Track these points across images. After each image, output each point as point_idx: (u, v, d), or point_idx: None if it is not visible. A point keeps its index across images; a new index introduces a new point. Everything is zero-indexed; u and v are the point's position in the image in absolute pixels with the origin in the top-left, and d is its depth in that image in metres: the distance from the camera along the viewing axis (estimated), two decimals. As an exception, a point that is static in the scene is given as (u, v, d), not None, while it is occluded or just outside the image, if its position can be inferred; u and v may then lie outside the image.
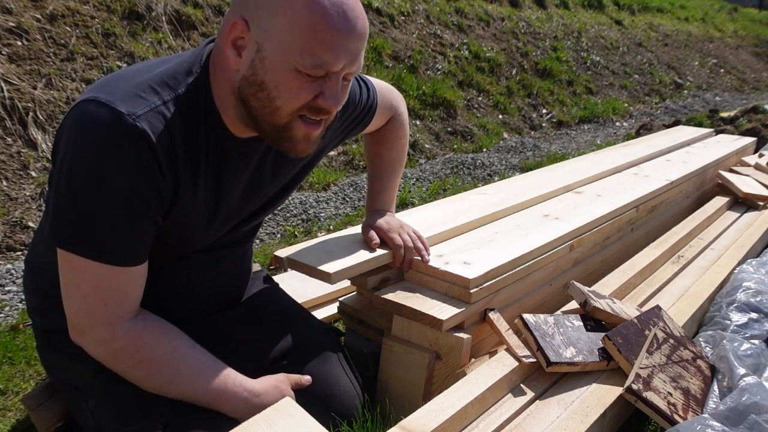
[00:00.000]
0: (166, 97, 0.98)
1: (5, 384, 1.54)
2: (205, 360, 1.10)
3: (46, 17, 3.27)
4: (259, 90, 0.97)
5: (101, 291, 0.99)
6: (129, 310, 1.03)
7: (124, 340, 1.02)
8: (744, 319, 1.65)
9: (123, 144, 0.92)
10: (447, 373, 1.35)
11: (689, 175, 2.65)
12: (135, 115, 0.92)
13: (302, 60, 0.93)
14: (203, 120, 1.02)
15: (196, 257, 1.19)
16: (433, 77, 5.21)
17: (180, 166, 1.00)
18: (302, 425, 0.96)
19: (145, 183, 0.95)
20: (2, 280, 2.15)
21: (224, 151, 1.07)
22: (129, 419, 1.06)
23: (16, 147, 2.74)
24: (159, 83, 0.98)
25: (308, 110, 0.99)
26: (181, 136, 0.99)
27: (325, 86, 0.98)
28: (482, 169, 4.07)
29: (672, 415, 1.21)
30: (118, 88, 0.96)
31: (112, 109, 0.92)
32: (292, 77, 0.95)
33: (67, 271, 1.00)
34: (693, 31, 11.25)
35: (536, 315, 1.41)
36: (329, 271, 1.35)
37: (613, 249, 2.10)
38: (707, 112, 6.21)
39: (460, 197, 2.06)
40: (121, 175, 0.93)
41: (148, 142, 0.93)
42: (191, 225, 1.09)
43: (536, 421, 1.19)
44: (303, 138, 1.03)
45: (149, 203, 0.98)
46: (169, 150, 0.97)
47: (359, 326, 1.62)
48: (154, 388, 1.06)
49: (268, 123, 1.01)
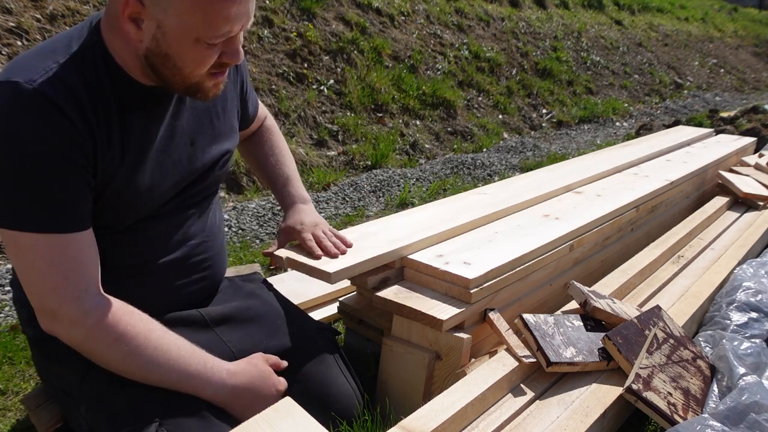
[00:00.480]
0: (60, 59, 1.00)
1: (5, 384, 1.54)
2: (180, 341, 1.09)
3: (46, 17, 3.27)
4: (166, 60, 1.01)
5: (57, 264, 0.99)
6: (92, 282, 1.02)
7: (95, 315, 1.01)
8: (744, 319, 1.65)
9: (29, 109, 0.95)
10: (447, 373, 1.35)
11: (689, 175, 2.65)
12: (32, 80, 0.95)
13: (205, 33, 0.98)
14: (105, 75, 1.04)
15: (158, 225, 1.18)
16: (433, 77, 5.21)
17: (90, 116, 1.01)
18: (302, 425, 0.96)
19: (60, 139, 0.97)
20: (2, 280, 2.15)
21: (134, 99, 1.08)
22: (121, 420, 1.05)
23: (16, 147, 2.74)
24: (50, 51, 1.02)
25: (215, 67, 1.05)
26: (84, 89, 1.00)
27: (226, 46, 1.03)
28: (482, 169, 4.07)
29: (672, 415, 1.21)
30: (13, 65, 1.00)
31: (9, 82, 0.95)
32: (195, 48, 0.99)
33: (17, 253, 1.00)
34: (693, 31, 11.25)
35: (536, 315, 1.41)
36: (329, 270, 1.35)
37: (613, 249, 2.10)
38: (707, 112, 6.22)
39: (460, 197, 2.06)
40: (35, 139, 0.95)
41: (52, 101, 0.95)
42: (131, 180, 1.08)
43: (536, 421, 1.19)
44: (213, 86, 1.09)
45: (72, 159, 0.98)
46: (76, 106, 0.99)
47: (359, 326, 1.62)
48: (134, 370, 1.05)
49: (180, 84, 1.06)
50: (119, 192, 1.08)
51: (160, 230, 1.19)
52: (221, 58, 1.03)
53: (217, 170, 1.29)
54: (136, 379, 1.06)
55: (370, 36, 5.02)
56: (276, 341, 1.31)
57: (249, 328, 1.31)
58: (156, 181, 1.14)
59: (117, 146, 1.05)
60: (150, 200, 1.14)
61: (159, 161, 1.14)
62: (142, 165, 1.10)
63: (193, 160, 1.22)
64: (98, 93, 1.03)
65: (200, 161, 1.23)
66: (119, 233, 1.13)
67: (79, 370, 1.11)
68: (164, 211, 1.19)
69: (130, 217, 1.14)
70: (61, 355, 1.12)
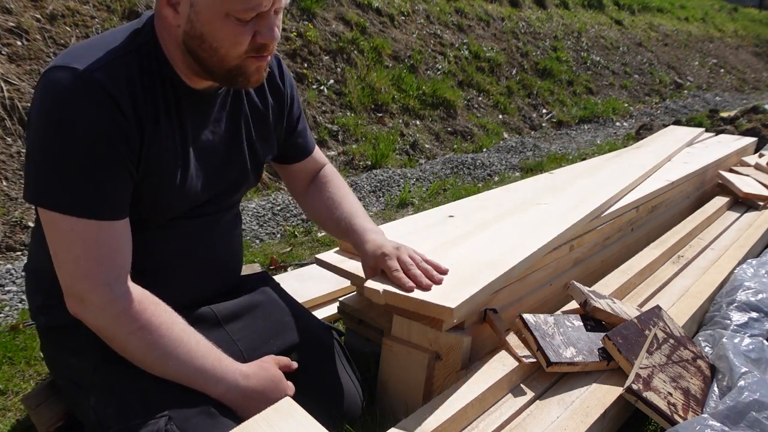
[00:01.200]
0: (120, 53, 1.03)
1: (5, 384, 1.54)
2: (199, 337, 1.11)
3: (46, 17, 3.27)
4: (202, 42, 1.03)
5: (92, 249, 1.01)
6: (124, 270, 1.05)
7: (123, 302, 1.03)
8: (744, 319, 1.65)
9: (83, 95, 0.97)
10: (447, 373, 1.35)
11: (689, 175, 2.64)
12: (90, 69, 0.99)
13: (233, 6, 0.98)
14: (158, 74, 1.07)
15: (183, 224, 1.20)
16: (433, 77, 5.21)
17: (142, 111, 1.04)
18: (302, 425, 0.96)
19: (110, 128, 0.99)
20: (2, 280, 2.15)
21: (182, 102, 1.11)
22: (131, 413, 1.06)
23: (16, 147, 2.74)
24: (110, 43, 1.05)
25: (253, 51, 1.05)
26: (140, 84, 1.04)
27: (259, 24, 1.03)
28: (482, 169, 4.07)
29: (672, 415, 1.21)
30: (73, 53, 1.02)
31: (68, 68, 0.98)
32: (227, 24, 1.00)
33: (54, 235, 1.02)
34: (693, 31, 11.25)
35: (536, 315, 1.41)
36: (450, 306, 1.17)
37: (613, 249, 2.10)
38: (707, 112, 6.21)
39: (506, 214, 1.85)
40: (86, 124, 0.97)
41: (107, 89, 0.98)
42: (167, 179, 1.11)
43: (536, 421, 1.19)
44: (255, 71, 1.09)
45: (118, 148, 1.01)
46: (130, 98, 1.01)
47: (359, 326, 1.62)
48: (152, 360, 1.06)
49: (220, 68, 1.06)
50: (157, 189, 1.10)
51: (188, 230, 1.22)
52: (256, 38, 1.03)
53: (251, 178, 1.32)
54: (153, 370, 1.07)
55: (370, 36, 5.02)
56: (282, 338, 1.32)
57: (256, 324, 1.32)
58: (193, 182, 1.16)
59: (162, 144, 1.08)
60: (185, 201, 1.17)
61: (199, 164, 1.17)
62: (183, 166, 1.13)
63: (231, 166, 1.25)
64: (152, 90, 1.06)
65: (237, 168, 1.27)
66: (150, 229, 1.15)
67: (92, 360, 1.12)
68: (196, 212, 1.21)
69: (164, 214, 1.16)
70: (75, 345, 1.13)
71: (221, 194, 1.26)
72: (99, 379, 1.12)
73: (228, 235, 1.33)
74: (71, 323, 1.08)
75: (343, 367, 1.33)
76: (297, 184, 1.50)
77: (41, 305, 1.22)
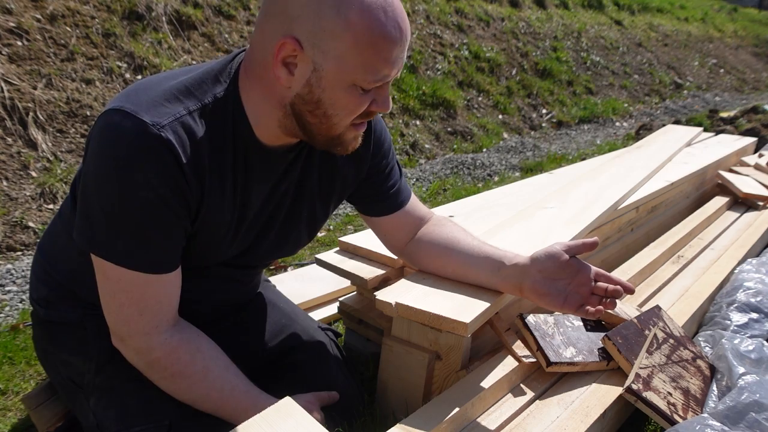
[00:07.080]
0: (192, 107, 0.97)
1: (5, 384, 1.54)
2: (237, 382, 1.09)
3: (46, 17, 3.27)
4: (316, 108, 0.97)
5: (136, 300, 1.00)
6: (165, 319, 1.03)
7: (159, 351, 1.03)
8: (744, 319, 1.65)
9: (148, 155, 0.92)
10: (447, 373, 1.35)
11: (689, 175, 2.64)
12: (159, 125, 0.92)
13: (364, 77, 0.93)
14: (231, 130, 1.02)
15: (217, 269, 1.18)
16: (433, 77, 5.21)
17: (206, 176, 0.99)
18: (302, 425, 0.96)
19: (172, 192, 0.95)
20: (2, 280, 2.15)
21: (251, 161, 1.06)
22: (132, 420, 1.06)
23: (16, 147, 2.74)
24: (184, 92, 0.98)
25: (359, 117, 1.01)
26: (207, 145, 0.99)
27: (377, 93, 0.99)
28: (482, 169, 4.07)
29: (672, 415, 1.21)
30: (144, 97, 0.96)
31: (136, 119, 0.92)
32: (350, 94, 0.96)
33: (103, 279, 1.01)
34: (693, 31, 11.25)
35: (536, 315, 1.41)
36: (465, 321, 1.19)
37: (613, 249, 2.10)
38: (707, 112, 6.22)
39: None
40: (147, 186, 0.93)
41: (173, 151, 0.93)
42: (217, 233, 1.08)
43: (536, 421, 1.19)
44: (353, 138, 1.05)
45: (177, 212, 0.98)
46: (195, 159, 0.97)
47: (359, 326, 1.62)
48: (186, 400, 1.07)
49: (323, 134, 1.01)
50: (204, 243, 1.08)
51: (223, 274, 1.21)
52: (370, 106, 0.99)
53: (302, 243, 1.29)
54: (188, 404, 1.08)
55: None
56: (279, 340, 1.32)
57: (254, 327, 1.32)
58: (245, 239, 1.15)
59: (221, 204, 1.05)
60: (228, 252, 1.15)
61: (256, 222, 1.14)
62: (236, 227, 1.10)
63: (285, 234, 1.22)
64: (220, 150, 1.01)
65: (291, 239, 1.24)
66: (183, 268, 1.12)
67: (95, 362, 1.11)
68: (233, 263, 1.20)
69: (201, 263, 1.14)
70: (76, 345, 1.13)
71: (265, 256, 1.25)
72: (101, 381, 1.11)
73: (256, 278, 1.34)
74: (75, 321, 1.08)
75: (341, 368, 1.33)
76: (393, 239, 1.38)
77: (44, 297, 1.20)
